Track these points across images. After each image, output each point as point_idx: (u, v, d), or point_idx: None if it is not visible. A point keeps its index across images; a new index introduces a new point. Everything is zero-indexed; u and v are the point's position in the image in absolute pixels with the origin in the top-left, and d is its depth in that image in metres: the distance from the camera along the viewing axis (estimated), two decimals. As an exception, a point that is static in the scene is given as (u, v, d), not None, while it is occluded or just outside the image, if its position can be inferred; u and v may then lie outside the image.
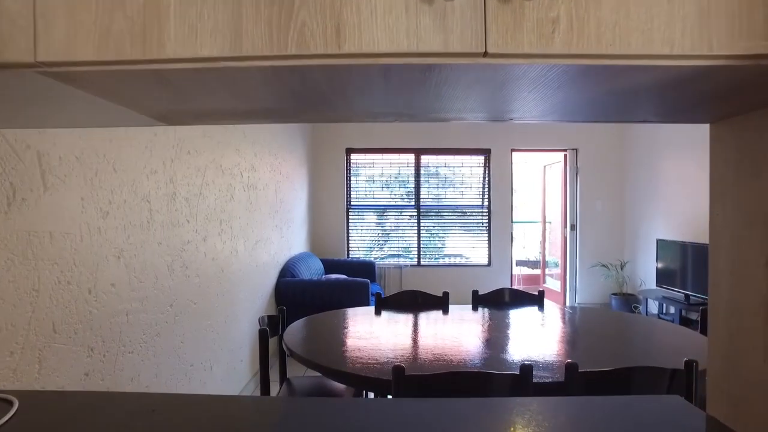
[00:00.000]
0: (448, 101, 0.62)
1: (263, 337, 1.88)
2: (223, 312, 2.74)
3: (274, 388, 2.28)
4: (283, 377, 2.24)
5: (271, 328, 2.14)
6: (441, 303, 2.63)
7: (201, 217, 2.44)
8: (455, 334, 2.08)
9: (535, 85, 0.54)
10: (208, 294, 2.54)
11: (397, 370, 1.38)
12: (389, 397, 1.49)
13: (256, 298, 3.40)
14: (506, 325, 2.25)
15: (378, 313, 2.51)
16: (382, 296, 2.65)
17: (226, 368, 2.79)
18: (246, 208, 3.19)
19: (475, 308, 2.63)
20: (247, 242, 3.20)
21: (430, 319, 2.41)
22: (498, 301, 2.76)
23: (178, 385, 2.16)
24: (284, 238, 4.26)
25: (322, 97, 0.59)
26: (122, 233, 1.71)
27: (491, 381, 1.39)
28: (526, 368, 1.38)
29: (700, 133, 4.36)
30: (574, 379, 1.41)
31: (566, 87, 0.54)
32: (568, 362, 1.41)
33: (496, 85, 0.54)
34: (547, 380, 1.48)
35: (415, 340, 1.98)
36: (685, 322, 4.22)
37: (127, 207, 1.74)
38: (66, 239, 1.39)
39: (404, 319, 2.39)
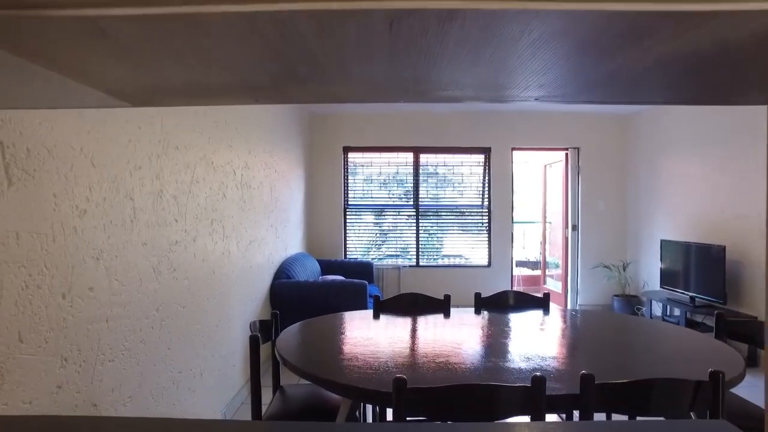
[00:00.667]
0: (467, 70, 0.51)
1: (254, 345, 1.77)
2: (214, 316, 2.62)
3: (267, 395, 2.16)
4: (276, 384, 2.12)
5: (264, 332, 2.02)
6: (442, 306, 2.52)
7: (190, 217, 2.32)
8: (458, 339, 1.96)
9: (584, 44, 0.42)
10: (198, 297, 2.41)
11: (398, 382, 1.27)
12: (389, 410, 1.37)
13: (249, 301, 3.28)
14: (511, 330, 2.14)
15: (376, 316, 2.40)
16: (381, 299, 2.54)
17: (217, 374, 2.67)
18: (239, 207, 3.07)
19: (477, 311, 2.52)
20: (241, 242, 3.08)
21: (430, 324, 2.29)
22: (501, 304, 2.65)
23: (164, 394, 2.04)
24: (279, 238, 4.14)
25: (313, 61, 0.47)
26: (102, 233, 1.58)
27: (501, 394, 1.28)
28: (539, 380, 1.27)
29: (705, 130, 4.26)
30: (590, 392, 1.30)
31: (626, 45, 0.43)
32: (583, 373, 1.30)
33: (532, 43, 0.43)
34: (560, 393, 1.37)
35: (415, 347, 1.87)
36: (690, 324, 4.12)
37: (107, 205, 1.61)
38: (36, 240, 1.26)
39: (404, 324, 2.27)
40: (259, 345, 1.80)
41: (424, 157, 5.74)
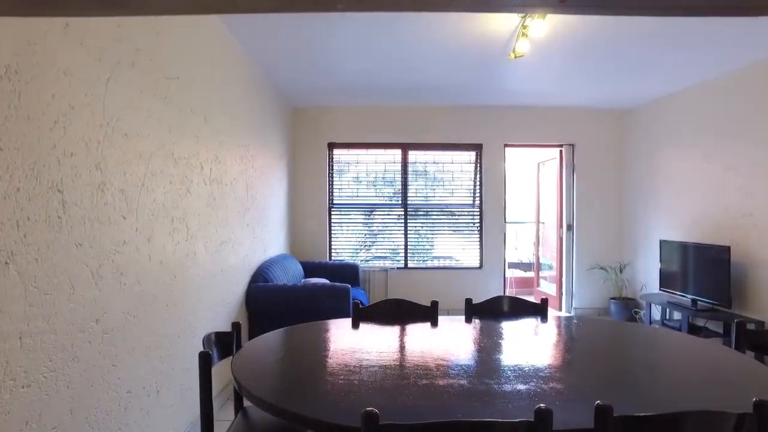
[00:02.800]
0: None
1: (204, 364, 1.49)
2: (175, 324, 2.33)
3: (229, 414, 1.89)
4: (239, 405, 1.85)
5: (223, 347, 1.75)
6: (429, 314, 2.26)
7: (144, 213, 2.04)
8: (446, 355, 1.70)
9: None
10: (154, 305, 2.13)
11: (369, 416, 1.01)
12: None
13: (221, 307, 3.00)
14: (507, 343, 1.89)
15: (356, 326, 2.13)
16: (363, 304, 2.28)
17: (178, 390, 2.38)
18: (208, 205, 2.78)
19: (468, 320, 2.26)
20: (209, 243, 2.80)
21: (416, 335, 2.03)
22: (495, 311, 2.39)
23: (107, 419, 1.76)
24: (257, 238, 3.86)
25: None
26: (13, 231, 1.30)
27: (497, 432, 1.02)
28: (544, 414, 1.02)
29: (707, 123, 4.05)
30: (607, 427, 1.05)
31: None
32: (598, 404, 1.05)
33: None
34: (569, 428, 1.11)
35: (396, 365, 1.60)
36: (692, 329, 3.91)
37: (21, 197, 1.33)
38: None
39: (386, 335, 2.01)
40: (211, 364, 1.53)
41: (412, 155, 5.48)
